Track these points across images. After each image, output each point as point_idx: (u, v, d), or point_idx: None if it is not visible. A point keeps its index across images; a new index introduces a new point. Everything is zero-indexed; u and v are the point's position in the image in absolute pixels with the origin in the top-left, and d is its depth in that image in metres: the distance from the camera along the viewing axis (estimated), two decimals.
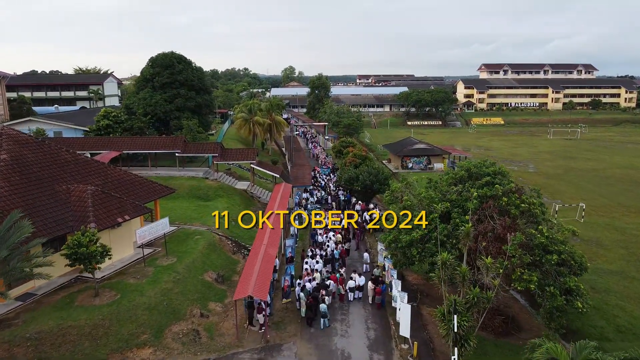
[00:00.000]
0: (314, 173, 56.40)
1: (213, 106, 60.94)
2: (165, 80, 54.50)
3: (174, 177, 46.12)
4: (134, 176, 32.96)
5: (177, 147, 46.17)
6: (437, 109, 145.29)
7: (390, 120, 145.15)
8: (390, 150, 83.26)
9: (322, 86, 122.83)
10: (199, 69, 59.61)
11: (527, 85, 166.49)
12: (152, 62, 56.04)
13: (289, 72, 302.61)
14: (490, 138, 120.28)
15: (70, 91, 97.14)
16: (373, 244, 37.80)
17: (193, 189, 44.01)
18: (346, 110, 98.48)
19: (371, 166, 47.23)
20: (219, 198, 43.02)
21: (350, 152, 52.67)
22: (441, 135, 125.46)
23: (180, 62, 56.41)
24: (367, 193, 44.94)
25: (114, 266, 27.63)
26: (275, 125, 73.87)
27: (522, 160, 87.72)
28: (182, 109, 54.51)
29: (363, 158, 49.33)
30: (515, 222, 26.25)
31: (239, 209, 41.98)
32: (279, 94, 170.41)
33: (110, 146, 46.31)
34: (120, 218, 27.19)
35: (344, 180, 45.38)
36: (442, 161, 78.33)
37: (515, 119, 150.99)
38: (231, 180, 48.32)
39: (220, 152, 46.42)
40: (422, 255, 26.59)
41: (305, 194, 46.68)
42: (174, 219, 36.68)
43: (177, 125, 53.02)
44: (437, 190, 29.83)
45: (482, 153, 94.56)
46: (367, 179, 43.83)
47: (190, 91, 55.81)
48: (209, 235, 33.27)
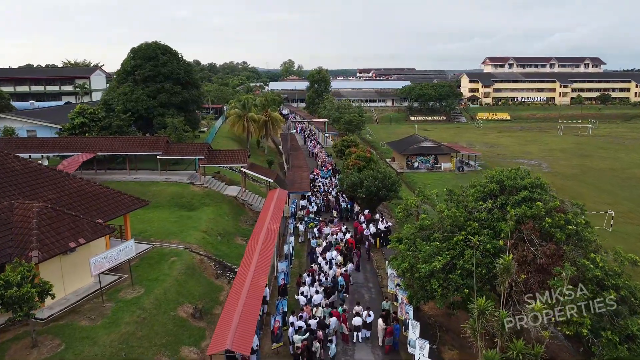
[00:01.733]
0: (313, 176, 51.23)
1: (201, 102, 55.55)
2: (148, 73, 49.12)
3: (155, 183, 40.99)
4: (99, 187, 27.80)
5: (158, 149, 40.99)
6: (441, 104, 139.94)
7: (392, 116, 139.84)
8: (394, 149, 78.07)
9: (321, 80, 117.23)
10: (186, 61, 54.24)
11: (533, 79, 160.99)
12: (134, 53, 50.65)
13: (288, 66, 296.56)
14: (497, 134, 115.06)
15: (56, 85, 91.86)
16: (380, 262, 32.69)
17: (175, 196, 38.87)
18: (347, 105, 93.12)
19: (377, 169, 42.07)
20: (204, 207, 37.88)
21: (352, 153, 47.44)
22: (446, 131, 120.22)
23: (165, 53, 51.03)
24: (372, 200, 39.83)
25: (67, 300, 22.57)
26: (272, 122, 68.62)
27: (534, 158, 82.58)
28: (166, 105, 49.22)
29: (367, 160, 44.12)
30: (561, 248, 21.18)
31: (226, 220, 36.90)
32: (278, 88, 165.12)
33: (83, 147, 41.15)
34: (73, 242, 22.06)
35: (346, 186, 40.25)
36: (450, 160, 73.20)
37: (522, 114, 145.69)
38: (220, 185, 43.18)
39: (207, 154, 41.27)
40: (445, 288, 21.52)
41: (303, 201, 41.55)
42: (149, 234, 31.59)
43: (161, 123, 47.75)
44: (460, 204, 24.70)
45: (490, 151, 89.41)
46: (373, 185, 38.72)
47: (176, 85, 50.47)
48: (188, 256, 28.15)
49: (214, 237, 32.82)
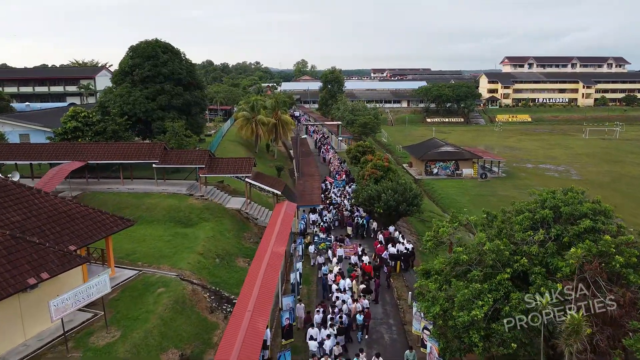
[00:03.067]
0: (325, 185, 47.08)
1: (205, 104, 51.68)
2: (147, 73, 45.35)
3: (150, 194, 37.18)
4: (76, 206, 23.96)
5: (154, 157, 37.16)
6: (459, 105, 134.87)
7: (408, 117, 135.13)
8: (411, 153, 73.67)
9: (335, 80, 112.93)
10: (189, 61, 50.38)
11: (555, 79, 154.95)
12: (132, 51, 46.97)
13: (301, 66, 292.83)
14: (518, 137, 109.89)
15: (60, 86, 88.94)
16: (401, 290, 28.44)
17: (172, 210, 34.99)
18: (362, 107, 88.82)
19: (396, 180, 37.81)
20: (203, 223, 33.96)
21: (368, 160, 43.19)
22: (464, 134, 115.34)
23: (166, 51, 47.23)
24: (390, 215, 35.59)
25: (27, 347, 18.78)
26: (282, 125, 64.68)
27: (561, 164, 77.60)
28: (166, 108, 45.43)
29: (385, 170, 39.86)
30: (637, 295, 16.83)
31: (227, 238, 32.94)
32: (290, 88, 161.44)
33: (73, 154, 37.50)
34: (33, 278, 18.21)
35: (362, 200, 36.05)
36: (472, 166, 68.67)
37: (544, 116, 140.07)
38: (222, 196, 39.25)
39: (208, 163, 37.36)
40: (487, 341, 17.27)
41: (314, 215, 37.43)
42: (137, 256, 27.74)
43: (160, 127, 43.96)
44: (502, 233, 20.37)
45: (513, 155, 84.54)
46: (392, 199, 34.48)
47: (177, 86, 46.66)
48: (178, 286, 24.19)
49: (212, 260, 28.85)
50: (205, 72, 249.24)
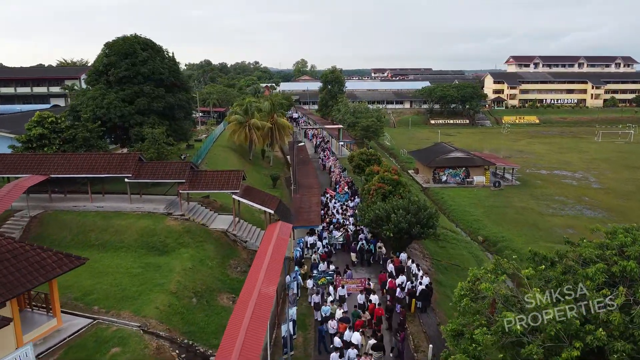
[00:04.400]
0: (326, 198, 41.96)
1: (191, 108, 46.39)
2: (124, 73, 40.13)
3: (122, 214, 32.07)
4: (9, 243, 18.82)
5: (126, 170, 32.03)
6: (464, 106, 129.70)
7: (411, 119, 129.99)
8: (418, 159, 68.58)
9: (335, 80, 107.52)
10: (173, 59, 45.17)
11: (563, 79, 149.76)
12: (108, 48, 41.81)
13: (300, 66, 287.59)
14: (528, 140, 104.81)
15: (44, 87, 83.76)
16: (419, 337, 23.28)
17: (145, 233, 29.89)
18: (364, 108, 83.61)
19: (407, 197, 32.68)
20: (181, 249, 28.87)
21: (374, 172, 38.03)
22: (470, 137, 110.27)
23: (146, 48, 41.98)
24: (402, 239, 30.46)
25: None
26: (278, 130, 59.51)
27: (577, 170, 72.44)
28: (145, 112, 40.23)
29: (394, 184, 34.70)
30: None
31: (209, 269, 27.85)
32: (289, 88, 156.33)
33: (34, 167, 32.39)
34: None
35: (368, 221, 30.92)
36: (484, 173, 63.56)
37: (552, 117, 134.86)
38: (207, 215, 34.15)
39: (190, 177, 32.23)
40: None
41: (312, 237, 32.28)
42: (94, 297, 22.65)
43: (139, 134, 38.81)
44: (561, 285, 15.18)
45: (524, 160, 79.39)
46: (403, 220, 29.35)
47: (159, 88, 41.49)
48: (139, 344, 19.06)
49: (187, 301, 23.74)
50: (202, 72, 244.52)
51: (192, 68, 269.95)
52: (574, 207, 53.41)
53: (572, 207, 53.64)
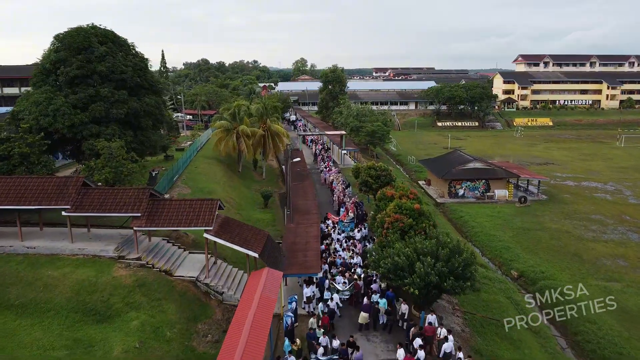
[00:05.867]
0: (327, 227, 34.08)
1: (162, 114, 38.18)
2: (76, 72, 32.30)
3: (58, 259, 24.25)
4: None
5: (64, 199, 24.22)
6: (473, 108, 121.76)
7: (417, 121, 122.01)
8: (430, 169, 60.70)
9: (336, 80, 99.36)
10: (139, 54, 37.13)
11: (576, 79, 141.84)
12: (58, 41, 33.93)
13: (300, 65, 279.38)
14: (545, 145, 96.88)
15: (15, 87, 75.85)
16: None
17: (83, 289, 22.08)
18: (369, 111, 75.71)
19: (434, 234, 24.90)
20: (130, 313, 21.10)
21: (388, 196, 30.15)
22: (482, 141, 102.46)
23: (106, 42, 34.08)
24: (429, 295, 22.67)
25: None
26: (271, 137, 51.61)
27: (607, 181, 64.58)
28: (103, 121, 32.39)
29: (415, 214, 26.90)
30: None
31: (167, 342, 20.02)
32: (287, 88, 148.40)
33: None
34: None
35: (386, 270, 23.10)
36: (507, 187, 55.73)
37: (566, 119, 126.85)
38: (173, 255, 26.37)
39: (148, 208, 24.42)
40: None
41: (309, 288, 24.44)
42: None
43: (93, 148, 30.92)
44: None
45: (546, 169, 71.49)
46: (432, 271, 21.61)
47: (120, 90, 33.67)
48: None
49: None
50: (199, 72, 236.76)
51: (189, 67, 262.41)
52: (617, 230, 45.59)
53: (614, 229, 45.82)
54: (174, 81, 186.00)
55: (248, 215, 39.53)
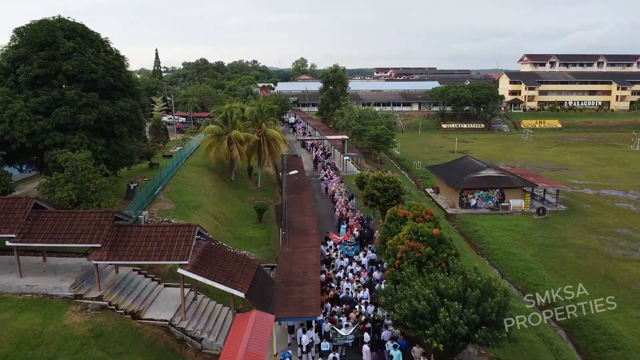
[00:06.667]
0: (328, 249, 29.67)
1: (140, 120, 33.58)
2: (38, 70, 27.95)
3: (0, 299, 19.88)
4: None
5: (8, 225, 19.91)
6: (479, 109, 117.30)
7: (421, 123, 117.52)
8: (440, 177, 56.29)
9: (337, 80, 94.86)
10: (114, 52, 32.62)
11: (585, 79, 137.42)
12: (18, 35, 29.43)
13: (300, 65, 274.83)
14: (556, 149, 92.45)
15: None
16: None
17: (25, 343, 17.72)
18: (372, 113, 71.29)
19: (459, 268, 20.54)
20: None
21: (400, 216, 25.79)
22: (489, 144, 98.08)
23: (73, 36, 29.63)
24: (455, 347, 18.29)
25: None
26: (267, 143, 47.21)
27: (628, 189, 60.16)
28: (69, 128, 28.00)
29: (435, 241, 22.57)
30: None
31: None
32: (287, 89, 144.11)
33: None
34: None
35: (402, 316, 18.72)
36: (523, 196, 51.37)
37: (575, 121, 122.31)
38: (144, 291, 22.04)
39: (110, 237, 20.06)
40: None
41: (307, 334, 20.10)
42: None
43: (55, 160, 26.47)
44: None
45: (560, 175, 67.13)
46: (459, 319, 17.27)
47: (90, 92, 29.30)
48: None
49: None
50: (197, 72, 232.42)
51: (188, 67, 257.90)
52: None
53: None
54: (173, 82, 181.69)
55: (239, 233, 35.18)
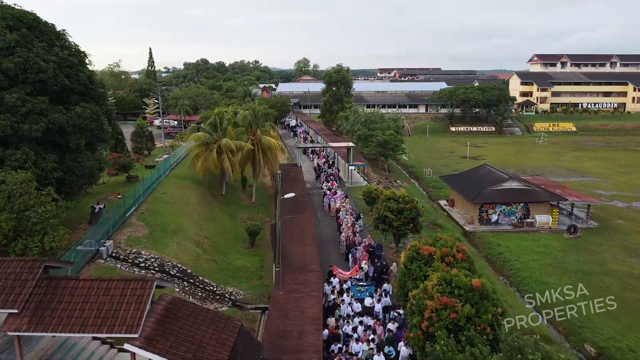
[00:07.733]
0: (332, 289, 23.98)
1: (102, 130, 27.92)
2: None
3: None
4: None
5: None
6: (489, 111, 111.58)
7: (429, 126, 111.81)
8: (456, 190, 50.60)
9: (341, 81, 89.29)
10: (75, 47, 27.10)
11: (599, 80, 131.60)
12: None
13: (302, 65, 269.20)
14: (574, 154, 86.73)
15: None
16: None
17: None
18: (379, 117, 65.71)
19: (510, 337, 14.93)
20: None
21: (424, 254, 20.23)
22: (502, 148, 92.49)
23: (18, 27, 24.10)
24: None
25: None
26: (262, 151, 41.69)
27: None
28: (11, 140, 22.44)
29: (473, 295, 17.13)
30: None
31: None
32: (288, 90, 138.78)
33: None
34: None
35: None
36: (550, 211, 45.67)
37: (590, 124, 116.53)
38: None
39: (35, 298, 14.54)
40: None
41: None
42: None
43: None
44: None
45: (583, 185, 61.50)
46: None
47: (40, 96, 23.75)
48: None
49: None
50: (196, 72, 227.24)
51: (188, 67, 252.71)
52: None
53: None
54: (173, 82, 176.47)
55: (227, 262, 29.64)
